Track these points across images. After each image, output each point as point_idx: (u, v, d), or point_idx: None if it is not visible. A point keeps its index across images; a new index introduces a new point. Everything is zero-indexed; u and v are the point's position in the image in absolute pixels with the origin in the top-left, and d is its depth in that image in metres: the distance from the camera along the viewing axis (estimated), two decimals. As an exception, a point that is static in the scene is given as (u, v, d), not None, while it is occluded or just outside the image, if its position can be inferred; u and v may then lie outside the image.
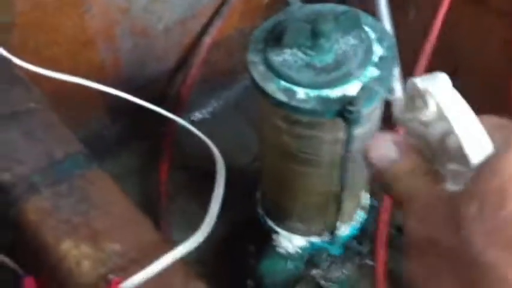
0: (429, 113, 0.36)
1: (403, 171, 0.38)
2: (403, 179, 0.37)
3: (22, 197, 0.59)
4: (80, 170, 0.61)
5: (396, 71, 1.04)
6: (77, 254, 0.55)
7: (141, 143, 1.28)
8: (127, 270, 0.53)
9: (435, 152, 0.36)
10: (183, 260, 0.56)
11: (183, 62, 1.24)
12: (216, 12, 1.21)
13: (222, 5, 1.22)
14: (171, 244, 0.58)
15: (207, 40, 1.20)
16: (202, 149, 1.27)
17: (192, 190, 1.21)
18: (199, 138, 0.91)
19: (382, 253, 0.75)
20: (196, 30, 1.21)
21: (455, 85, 1.16)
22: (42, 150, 0.63)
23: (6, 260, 0.60)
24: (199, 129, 0.91)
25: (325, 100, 0.73)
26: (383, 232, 0.76)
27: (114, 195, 0.61)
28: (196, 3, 1.17)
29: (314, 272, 1.04)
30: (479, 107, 1.10)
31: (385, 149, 0.39)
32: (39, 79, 0.80)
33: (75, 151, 0.63)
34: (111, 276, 0.51)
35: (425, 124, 0.36)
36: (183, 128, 1.22)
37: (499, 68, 1.04)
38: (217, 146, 0.86)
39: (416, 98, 0.37)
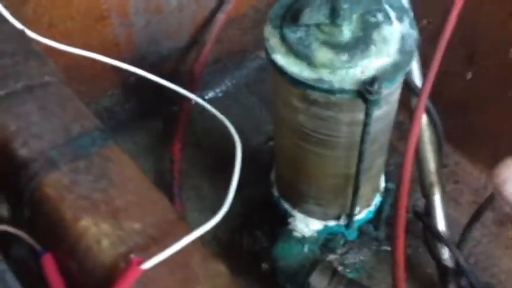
0: None
1: None
2: None
3: (40, 172, 0.58)
4: (97, 146, 0.61)
5: (416, 52, 1.03)
6: (96, 231, 0.54)
7: (154, 121, 1.27)
8: (147, 250, 0.53)
9: None
10: (201, 240, 0.56)
11: (196, 39, 1.22)
12: (231, -12, 1.19)
13: (236, -19, 1.20)
14: (188, 223, 0.57)
15: (221, 17, 1.18)
16: (215, 127, 1.25)
17: (205, 168, 1.21)
18: (212, 117, 0.90)
19: (401, 239, 0.75)
20: (210, 7, 1.19)
21: (471, 69, 1.13)
22: (59, 125, 0.62)
23: (25, 236, 0.59)
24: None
25: (344, 79, 0.71)
26: (402, 217, 0.75)
27: (132, 171, 0.60)
28: (211, -21, 1.16)
29: (330, 257, 1.04)
30: (494, 95, 1.09)
31: None
32: (53, 53, 0.79)
33: (92, 127, 0.63)
34: (132, 256, 0.51)
35: None
36: (196, 106, 1.21)
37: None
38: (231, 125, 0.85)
39: None
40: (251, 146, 1.23)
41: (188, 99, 1.17)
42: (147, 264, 0.50)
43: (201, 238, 0.57)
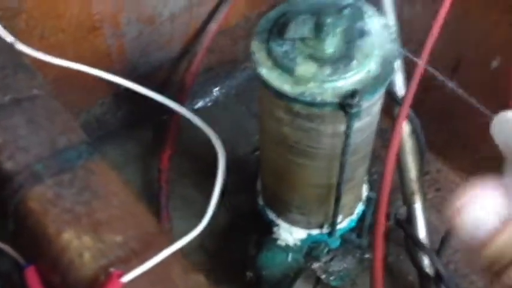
0: None
1: None
2: None
3: (25, 185, 0.59)
4: (83, 159, 0.62)
5: (398, 64, 1.04)
6: (78, 245, 0.56)
7: (144, 130, 1.29)
8: (128, 262, 0.54)
9: None
10: (183, 252, 0.57)
11: (188, 49, 1.24)
12: (222, -1, 1.21)
13: (228, -8, 1.21)
14: (171, 236, 0.59)
15: (213, 27, 1.20)
16: (204, 137, 1.27)
17: (193, 177, 1.22)
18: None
19: (380, 246, 0.76)
20: (202, 17, 1.21)
21: (455, 78, 1.15)
22: (45, 139, 0.63)
23: (8, 249, 0.61)
24: (201, 117, 0.92)
25: (326, 92, 0.73)
26: (381, 225, 0.77)
27: (115, 185, 0.61)
28: (202, -11, 1.17)
29: (314, 265, 1.05)
30: (479, 101, 1.09)
31: (479, 213, 0.29)
32: (44, 64, 0.80)
33: (78, 140, 0.64)
34: (112, 269, 0.52)
35: None
36: (185, 116, 1.23)
37: (501, 64, 1.04)
38: (219, 134, 0.86)
39: None
40: (239, 156, 1.25)
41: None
42: (127, 277, 0.52)
43: (187, 247, 0.58)
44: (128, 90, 1.18)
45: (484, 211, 0.28)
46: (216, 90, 1.36)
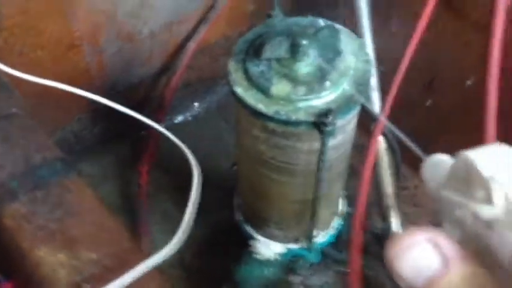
0: (494, 209, 0.26)
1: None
2: None
3: (0, 202, 0.60)
4: (58, 176, 0.62)
5: (373, 83, 1.07)
6: (52, 261, 0.56)
7: (122, 145, 1.29)
8: (102, 279, 0.55)
9: (503, 265, 0.25)
10: (158, 269, 0.58)
11: (168, 67, 1.25)
12: (202, 18, 1.23)
13: (208, 11, 1.23)
14: (146, 253, 0.59)
15: (192, 45, 1.22)
16: (182, 152, 1.29)
17: (172, 192, 1.23)
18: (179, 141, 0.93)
19: (356, 259, 0.78)
20: (181, 36, 1.22)
21: (430, 97, 1.18)
22: (20, 156, 0.64)
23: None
24: (181, 132, 0.93)
25: (301, 111, 0.74)
26: (358, 238, 0.78)
27: (90, 202, 0.62)
28: (182, 8, 1.19)
29: (293, 279, 1.06)
30: (452, 121, 1.13)
31: (419, 256, 0.28)
32: (22, 81, 0.81)
33: (53, 157, 0.65)
34: (86, 286, 0.53)
35: (488, 224, 0.26)
36: (161, 132, 1.24)
37: (474, 83, 1.07)
38: (198, 149, 0.88)
39: (471, 182, 0.28)
40: (219, 170, 1.25)
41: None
42: (100, 294, 0.52)
43: (165, 262, 0.59)
44: (106, 106, 1.19)
45: (425, 254, 0.28)
46: (196, 105, 1.37)
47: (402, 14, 1.20)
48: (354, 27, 0.95)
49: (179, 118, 1.35)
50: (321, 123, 0.73)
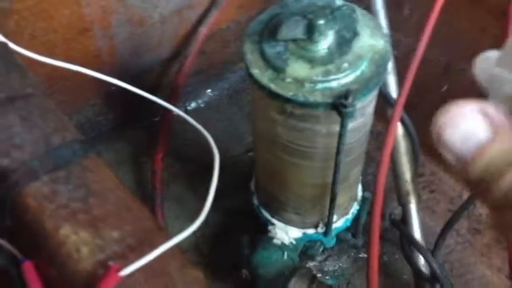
0: None
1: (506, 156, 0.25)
2: (507, 169, 0.25)
3: (21, 182, 0.59)
4: (78, 157, 0.62)
5: (390, 65, 1.06)
6: (75, 240, 0.56)
7: (136, 131, 1.29)
8: (125, 257, 0.55)
9: None
10: (180, 248, 0.57)
11: (179, 52, 1.24)
12: (213, 2, 1.22)
13: (218, -5, 1.22)
14: (168, 232, 0.59)
15: (203, 30, 1.21)
16: (196, 138, 1.27)
17: (186, 178, 1.23)
18: (194, 128, 0.92)
19: (375, 246, 0.77)
20: (192, 21, 1.22)
21: (446, 82, 1.17)
22: (40, 136, 0.63)
23: (6, 244, 0.61)
24: (194, 118, 0.92)
25: (320, 93, 0.74)
26: (377, 225, 0.77)
27: (111, 182, 0.61)
28: (193, -7, 1.18)
29: (309, 264, 1.06)
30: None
31: (469, 124, 0.27)
32: (35, 65, 0.80)
33: (73, 138, 0.64)
34: (110, 263, 0.52)
35: None
36: (177, 117, 1.23)
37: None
38: (211, 135, 0.87)
39: None
40: (232, 156, 1.25)
41: (170, 110, 1.20)
42: (126, 271, 0.52)
43: (182, 247, 0.59)
44: (119, 91, 1.19)
45: (474, 123, 0.27)
46: (208, 92, 1.37)
47: (415, -2, 1.20)
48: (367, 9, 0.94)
49: (192, 105, 1.34)
50: (340, 104, 0.72)
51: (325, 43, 0.76)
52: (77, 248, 0.56)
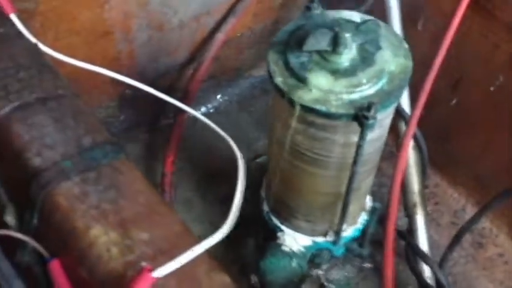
0: None
1: None
2: None
3: (52, 181, 0.60)
4: (108, 158, 0.63)
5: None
6: (106, 240, 0.57)
7: (146, 133, 1.30)
8: (154, 259, 0.56)
9: None
10: (208, 252, 0.58)
11: (194, 57, 1.26)
12: (230, 10, 1.23)
13: (236, 3, 1.23)
14: (195, 235, 0.60)
15: (220, 37, 1.22)
16: (205, 142, 1.29)
17: (195, 181, 1.24)
18: (203, 131, 0.93)
19: (390, 258, 0.78)
20: (209, 27, 1.23)
21: (456, 96, 1.17)
22: (72, 137, 0.65)
23: (33, 242, 0.61)
24: (203, 123, 0.92)
25: (342, 104, 0.75)
26: (391, 237, 0.79)
27: (141, 184, 0.63)
28: (211, 0, 1.19)
29: (316, 272, 1.07)
30: (480, 121, 1.13)
31: None
32: (56, 65, 0.81)
33: (103, 140, 0.65)
34: (143, 264, 0.53)
35: None
36: (188, 120, 1.25)
37: (502, 83, 1.08)
38: (220, 141, 0.88)
39: None
40: (241, 162, 1.26)
41: (183, 114, 1.21)
42: (158, 273, 0.53)
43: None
44: (132, 94, 1.20)
45: None
46: (218, 97, 1.38)
47: (429, 13, 1.21)
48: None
49: (202, 109, 1.36)
50: (362, 116, 0.74)
51: (349, 56, 0.78)
52: (107, 248, 0.57)
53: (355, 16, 0.84)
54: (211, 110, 1.39)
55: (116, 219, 0.59)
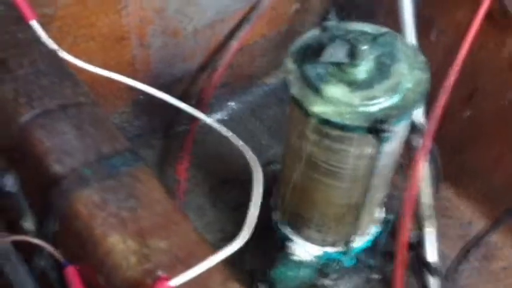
0: None
1: None
2: None
3: (72, 189, 0.61)
4: (127, 167, 0.64)
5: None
6: (124, 248, 0.57)
7: (160, 140, 1.31)
8: (172, 268, 0.56)
9: None
10: (223, 262, 0.59)
11: (208, 64, 1.26)
12: (244, 18, 1.24)
13: (250, 11, 1.24)
14: (211, 245, 0.61)
15: (234, 44, 1.23)
16: (217, 149, 1.29)
17: (207, 188, 1.25)
18: (217, 138, 0.93)
19: (400, 271, 0.79)
20: (223, 34, 1.24)
21: (470, 108, 1.16)
22: (91, 145, 0.65)
23: (50, 248, 0.62)
24: (216, 130, 0.93)
25: (358, 116, 0.76)
26: (403, 250, 0.79)
27: (159, 193, 0.63)
28: (226, 8, 1.20)
29: (324, 282, 1.07)
30: (493, 134, 1.13)
31: None
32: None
33: (123, 148, 0.66)
34: (160, 272, 0.54)
35: None
36: (201, 128, 1.25)
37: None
38: (233, 148, 0.88)
39: None
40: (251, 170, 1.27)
41: (196, 120, 1.21)
42: (175, 282, 0.53)
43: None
44: (147, 100, 1.20)
45: None
46: (232, 104, 1.39)
47: (443, 24, 1.21)
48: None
49: (215, 116, 1.36)
50: (378, 129, 0.74)
51: (365, 68, 0.78)
52: (125, 256, 0.57)
53: (372, 28, 0.84)
54: (225, 117, 1.39)
55: (134, 227, 0.59)
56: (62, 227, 0.62)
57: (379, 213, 1.04)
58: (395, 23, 1.13)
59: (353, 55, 0.77)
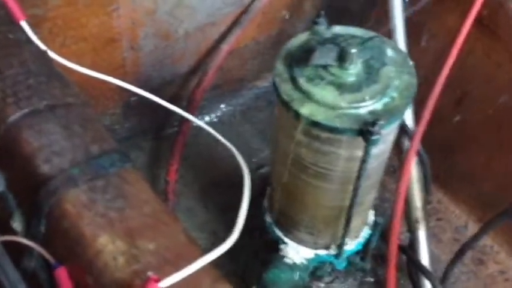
0: None
1: None
2: None
3: (60, 188, 0.61)
4: (116, 167, 0.64)
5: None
6: (113, 249, 0.57)
7: (150, 142, 1.31)
8: (160, 269, 0.56)
9: None
10: (213, 263, 0.59)
11: (198, 67, 1.27)
12: (235, 21, 1.24)
13: (241, 15, 1.25)
14: (200, 246, 0.61)
15: (225, 47, 1.23)
16: (208, 151, 1.29)
17: (197, 189, 1.25)
18: (207, 141, 0.93)
19: (393, 273, 0.79)
20: (214, 37, 1.24)
21: (460, 113, 1.18)
22: (80, 145, 0.65)
23: (40, 249, 0.62)
24: (206, 133, 0.93)
25: (347, 119, 0.76)
26: (394, 253, 0.79)
27: (147, 194, 0.63)
28: (217, 11, 1.21)
29: (317, 285, 1.07)
30: (482, 138, 1.14)
31: None
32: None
33: (111, 148, 0.66)
34: (149, 273, 0.54)
35: None
36: (191, 129, 1.25)
37: (505, 102, 1.09)
38: (223, 150, 0.88)
39: None
40: (241, 172, 1.27)
41: (187, 123, 1.22)
42: (165, 283, 0.53)
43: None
44: (137, 102, 1.20)
45: None
46: (222, 107, 1.39)
47: (434, 29, 1.23)
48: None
49: (205, 119, 1.36)
50: (367, 131, 0.75)
51: (354, 71, 0.79)
52: (114, 256, 0.57)
53: (361, 32, 0.85)
54: (214, 120, 1.40)
55: (123, 228, 0.59)
56: (51, 227, 0.62)
57: (371, 216, 1.05)
58: (386, 28, 1.15)
59: (342, 58, 0.78)
